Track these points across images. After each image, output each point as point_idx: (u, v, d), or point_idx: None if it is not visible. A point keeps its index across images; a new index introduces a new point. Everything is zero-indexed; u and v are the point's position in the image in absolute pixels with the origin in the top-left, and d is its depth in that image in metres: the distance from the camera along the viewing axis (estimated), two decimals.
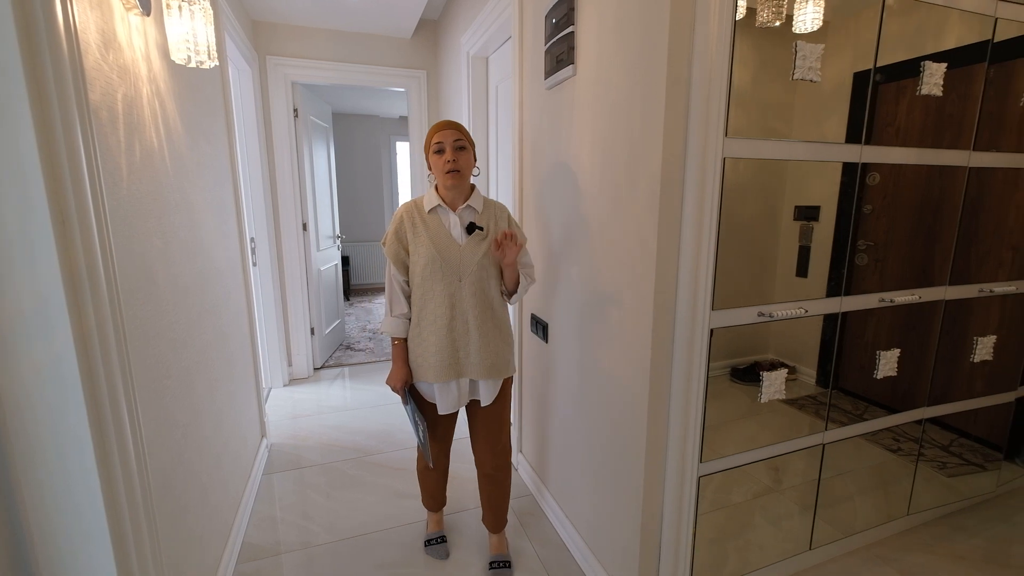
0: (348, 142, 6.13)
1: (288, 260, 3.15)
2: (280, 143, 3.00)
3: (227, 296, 1.83)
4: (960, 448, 1.83)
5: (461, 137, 1.39)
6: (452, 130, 1.38)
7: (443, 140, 1.37)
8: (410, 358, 1.46)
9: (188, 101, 1.51)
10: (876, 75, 1.31)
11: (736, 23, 1.09)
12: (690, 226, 1.15)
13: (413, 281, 1.44)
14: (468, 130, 1.45)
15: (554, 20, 1.55)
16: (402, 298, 1.47)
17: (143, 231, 1.11)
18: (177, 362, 1.28)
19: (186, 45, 1.16)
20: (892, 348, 1.53)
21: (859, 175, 1.37)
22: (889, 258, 1.50)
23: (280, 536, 1.77)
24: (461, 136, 1.39)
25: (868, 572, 1.56)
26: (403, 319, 1.47)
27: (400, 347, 1.47)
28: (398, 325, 1.47)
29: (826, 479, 1.54)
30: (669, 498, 1.30)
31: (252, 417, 2.14)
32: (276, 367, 3.13)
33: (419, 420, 1.49)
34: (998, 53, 1.45)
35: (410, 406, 1.49)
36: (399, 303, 1.47)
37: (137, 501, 0.95)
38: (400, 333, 1.47)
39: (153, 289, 1.15)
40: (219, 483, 1.57)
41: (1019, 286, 1.70)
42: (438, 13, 3.12)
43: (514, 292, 1.48)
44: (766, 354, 1.41)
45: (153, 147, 1.20)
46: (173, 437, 1.22)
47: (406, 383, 1.47)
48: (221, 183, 1.85)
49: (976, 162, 1.52)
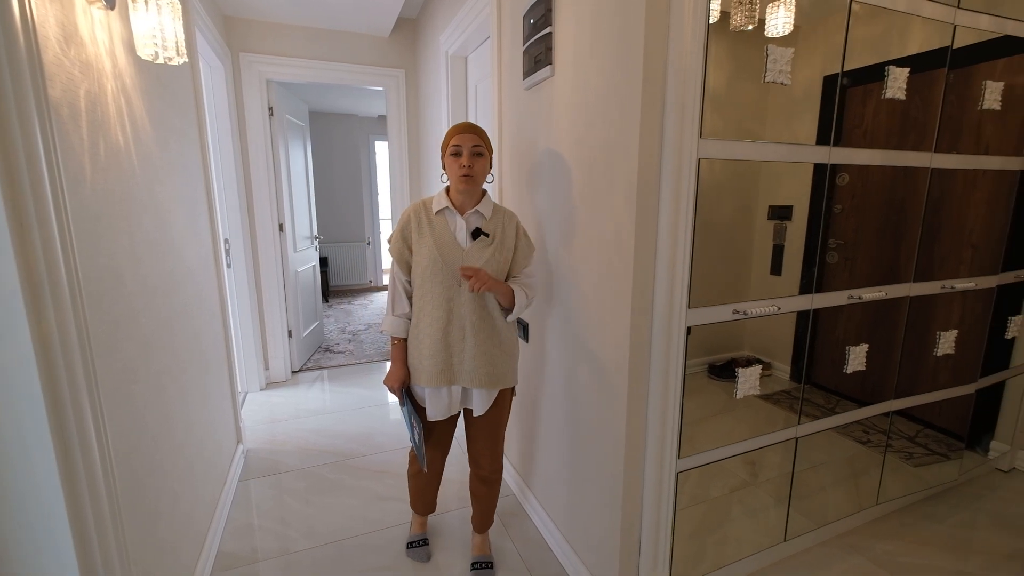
0: (326, 141, 6.04)
1: (264, 261, 3.09)
2: (255, 142, 2.94)
3: (200, 298, 1.78)
4: (925, 439, 1.91)
5: (480, 143, 1.36)
6: (472, 134, 1.35)
7: (461, 144, 1.34)
8: (408, 360, 1.45)
9: (157, 98, 1.47)
10: (843, 79, 1.35)
11: (710, 27, 1.11)
12: (666, 226, 1.17)
13: (414, 282, 1.42)
14: (490, 138, 1.41)
15: (532, 21, 1.56)
16: (404, 297, 1.45)
17: (109, 231, 1.08)
18: (147, 366, 1.24)
19: (153, 40, 1.12)
20: (861, 343, 1.58)
21: (828, 176, 1.41)
22: (858, 256, 1.54)
23: (257, 543, 1.73)
24: (481, 142, 1.36)
25: (840, 561, 1.61)
26: (404, 319, 1.45)
27: (400, 347, 1.45)
28: (398, 324, 1.44)
29: (800, 472, 1.58)
30: (648, 494, 1.31)
31: (227, 422, 2.09)
32: (252, 370, 3.06)
33: (415, 422, 1.47)
34: (957, 59, 1.52)
35: (407, 407, 1.47)
36: (401, 302, 1.45)
37: (103, 510, 0.92)
38: (400, 333, 1.44)
39: (121, 291, 1.11)
40: (193, 490, 1.53)
41: (978, 282, 1.78)
42: (416, 12, 3.10)
43: (509, 310, 1.42)
44: (743, 351, 1.44)
45: (119, 145, 1.16)
46: (143, 443, 1.18)
47: (403, 384, 1.44)
48: (192, 182, 1.80)
49: (937, 163, 1.58)
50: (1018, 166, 1.75)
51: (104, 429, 0.95)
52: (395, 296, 1.46)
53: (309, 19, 2.88)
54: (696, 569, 1.45)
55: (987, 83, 1.59)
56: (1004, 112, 1.66)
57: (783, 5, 1.23)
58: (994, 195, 1.76)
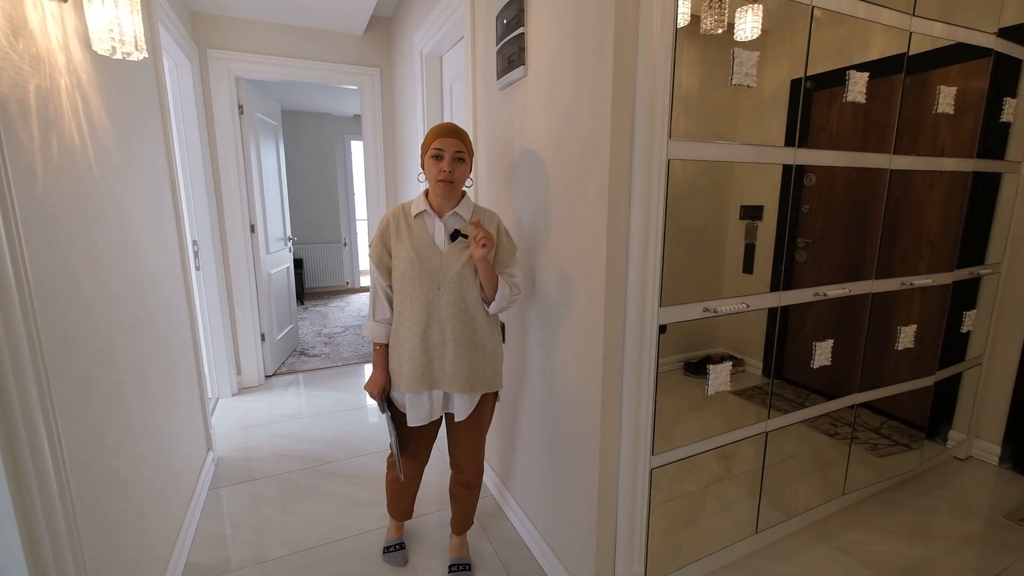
0: (300, 141, 5.92)
1: (235, 263, 3.00)
2: (224, 141, 2.86)
3: (166, 302, 1.72)
4: (889, 430, 1.98)
5: (463, 149, 1.34)
6: (455, 139, 1.32)
7: (443, 148, 1.32)
8: (389, 365, 1.43)
9: (116, 95, 1.41)
10: (807, 82, 1.39)
11: (679, 30, 1.12)
12: (638, 225, 1.18)
13: (394, 286, 1.41)
14: (470, 139, 1.40)
15: (505, 21, 1.56)
16: (385, 303, 1.43)
17: (64, 233, 1.03)
18: (107, 375, 1.19)
19: (110, 35, 1.08)
20: (827, 339, 1.63)
21: (796, 177, 1.45)
22: (825, 254, 1.59)
23: (229, 553, 1.68)
24: (463, 148, 1.34)
25: (809, 550, 1.66)
26: (385, 324, 1.43)
27: (381, 352, 1.43)
28: (379, 330, 1.43)
29: (770, 465, 1.62)
30: (623, 491, 1.33)
31: (196, 430, 2.02)
32: (224, 376, 2.98)
33: (392, 429, 1.46)
34: (913, 65, 1.58)
35: (388, 414, 1.46)
36: (382, 308, 1.43)
37: (59, 526, 0.88)
38: (381, 338, 1.43)
39: (77, 296, 1.07)
40: (158, 502, 1.48)
41: (935, 279, 1.85)
42: (391, 10, 3.07)
43: (492, 299, 1.38)
44: (717, 348, 1.47)
45: (74, 143, 1.12)
46: (103, 456, 1.13)
47: (383, 390, 1.43)
48: (157, 183, 1.74)
49: (896, 165, 1.64)
50: (970, 167, 1.83)
51: (59, 441, 0.91)
52: (376, 302, 1.44)
53: (279, 16, 2.81)
54: (671, 564, 1.47)
55: (941, 88, 1.66)
56: (957, 116, 1.73)
57: (751, 10, 1.26)
58: (949, 195, 1.84)
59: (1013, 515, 1.83)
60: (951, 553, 1.64)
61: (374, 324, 1.44)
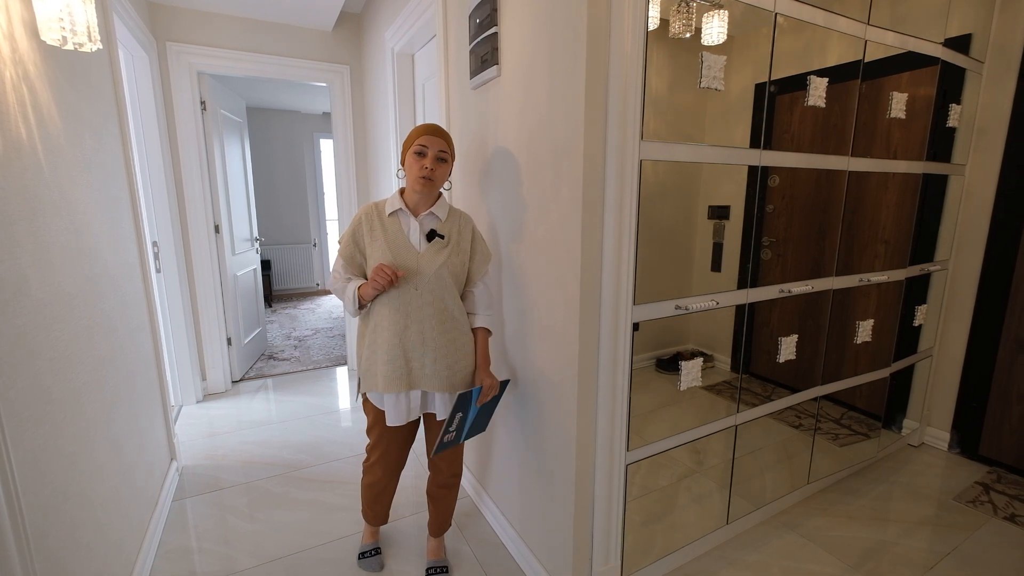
0: (267, 139, 5.75)
1: (199, 265, 2.89)
2: (186, 138, 2.75)
3: (124, 305, 1.64)
4: (849, 420, 2.07)
5: (446, 150, 1.35)
6: (440, 139, 1.33)
7: (428, 145, 1.32)
8: (361, 365, 1.41)
9: (68, 88, 1.34)
10: (771, 86, 1.44)
11: (649, 33, 1.14)
12: (612, 225, 1.20)
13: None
14: (453, 142, 1.41)
15: (478, 20, 1.55)
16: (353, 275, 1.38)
17: (9, 236, 0.97)
18: (60, 384, 1.13)
19: (60, 23, 1.02)
20: (791, 334, 1.69)
21: (761, 177, 1.50)
22: (788, 253, 1.65)
23: (195, 566, 1.62)
24: (446, 149, 1.35)
25: (777, 539, 1.72)
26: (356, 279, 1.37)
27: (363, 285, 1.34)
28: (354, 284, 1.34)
29: (739, 457, 1.67)
30: (599, 488, 1.34)
31: (158, 439, 1.94)
32: (188, 382, 2.86)
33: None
34: (869, 71, 1.65)
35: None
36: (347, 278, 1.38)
37: (8, 545, 0.82)
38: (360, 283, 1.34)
39: (26, 301, 1.01)
40: (118, 515, 1.41)
41: (890, 275, 1.95)
42: (360, 7, 3.01)
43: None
44: (688, 345, 1.51)
45: (20, 139, 1.05)
46: (57, 469, 1.07)
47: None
48: (113, 181, 1.66)
49: (854, 167, 1.72)
50: (920, 169, 1.93)
51: (7, 454, 0.85)
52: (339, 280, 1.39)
53: (244, 9, 2.72)
54: (646, 557, 1.50)
55: (894, 94, 1.75)
56: (909, 120, 1.83)
57: (717, 15, 1.29)
58: (902, 196, 1.93)
59: (961, 497, 1.95)
60: (907, 535, 1.73)
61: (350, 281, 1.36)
